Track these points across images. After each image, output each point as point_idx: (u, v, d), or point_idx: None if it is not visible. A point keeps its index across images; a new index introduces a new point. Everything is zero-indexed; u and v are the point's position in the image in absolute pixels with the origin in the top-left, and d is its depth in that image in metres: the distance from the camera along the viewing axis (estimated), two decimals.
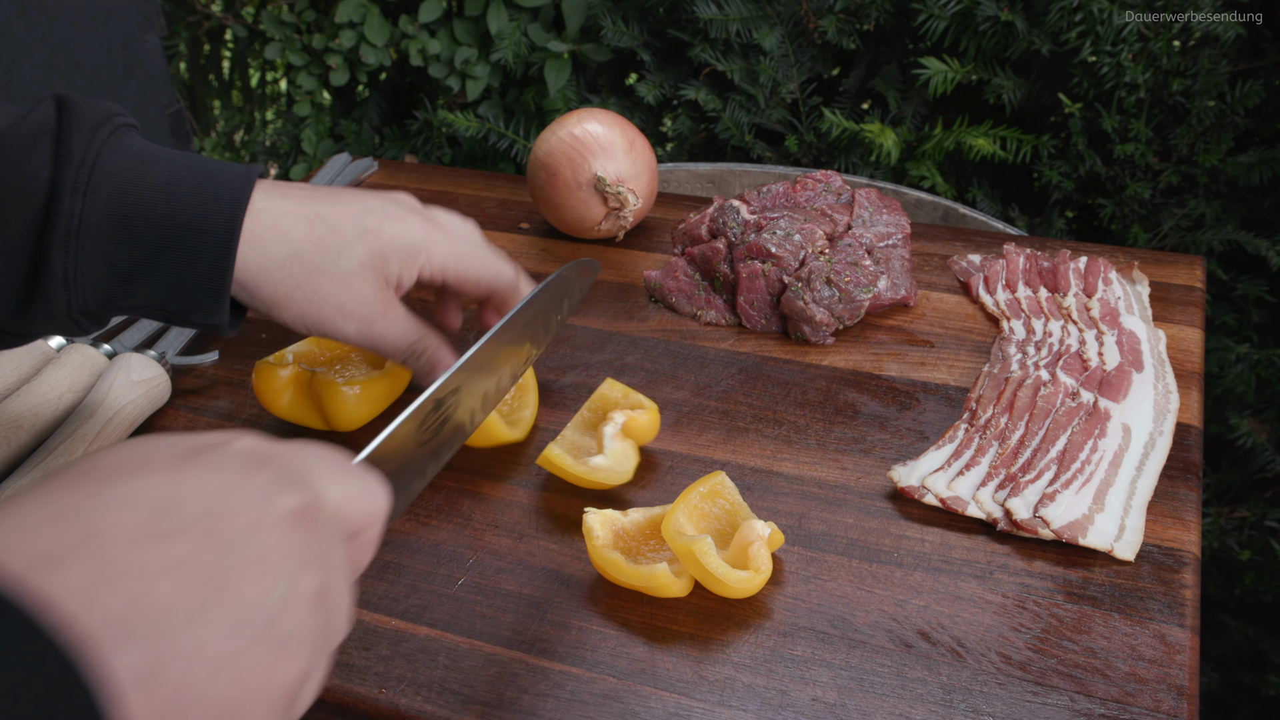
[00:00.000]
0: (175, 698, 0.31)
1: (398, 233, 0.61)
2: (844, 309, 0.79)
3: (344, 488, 0.41)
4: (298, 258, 0.59)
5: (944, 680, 0.54)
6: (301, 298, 0.59)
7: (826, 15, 1.22)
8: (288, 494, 0.36)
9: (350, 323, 0.61)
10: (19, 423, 0.67)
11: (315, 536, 0.37)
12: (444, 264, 0.63)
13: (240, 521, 0.34)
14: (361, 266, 0.60)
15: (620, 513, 0.61)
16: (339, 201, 0.61)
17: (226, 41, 1.87)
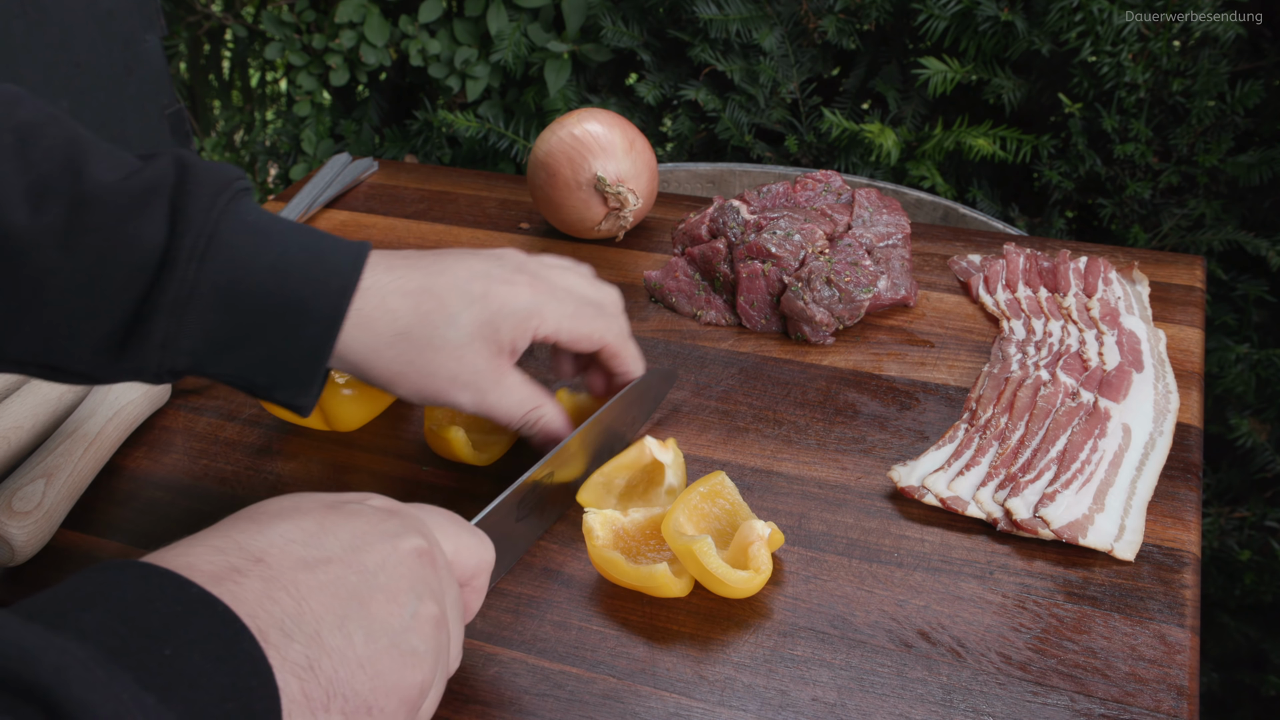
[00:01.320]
0: (325, 686, 0.39)
1: (506, 298, 0.60)
2: (844, 309, 0.79)
3: (457, 540, 0.49)
4: (405, 335, 0.58)
5: (944, 680, 0.54)
6: (414, 374, 0.59)
7: (826, 15, 1.22)
8: (413, 537, 0.45)
9: (465, 393, 0.60)
10: (19, 423, 0.67)
11: (435, 573, 0.45)
12: (557, 326, 0.62)
13: (375, 555, 0.43)
14: (471, 338, 0.59)
15: (620, 513, 0.61)
16: (444, 270, 0.60)
17: (226, 41, 1.87)
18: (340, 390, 0.69)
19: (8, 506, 0.61)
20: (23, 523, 0.61)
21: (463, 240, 0.96)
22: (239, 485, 0.69)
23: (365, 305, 0.57)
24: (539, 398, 0.62)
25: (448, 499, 0.67)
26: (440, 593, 0.45)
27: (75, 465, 0.65)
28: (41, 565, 0.63)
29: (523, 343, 0.61)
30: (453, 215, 1.01)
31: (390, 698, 0.41)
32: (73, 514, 0.67)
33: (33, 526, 0.61)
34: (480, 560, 0.50)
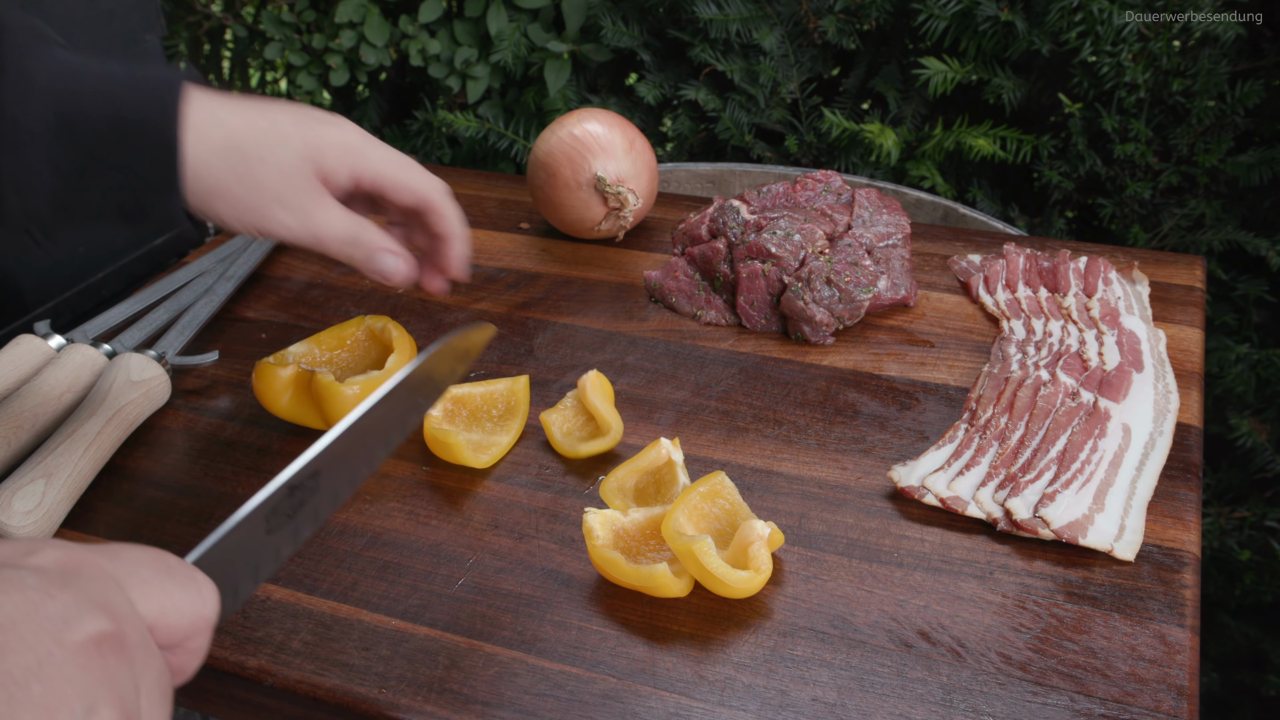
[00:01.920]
0: None
1: (335, 133, 0.62)
2: (844, 309, 0.79)
3: (165, 598, 0.38)
4: (236, 147, 0.59)
5: (944, 680, 0.54)
6: (239, 186, 0.59)
7: (826, 15, 1.22)
8: (89, 619, 0.34)
9: (288, 213, 0.61)
10: (19, 423, 0.67)
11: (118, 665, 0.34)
12: (380, 167, 0.63)
13: (27, 658, 0.32)
14: (300, 158, 0.60)
15: (620, 513, 0.61)
16: (276, 104, 0.62)
17: (226, 41, 1.87)
18: (340, 390, 0.69)
19: (8, 506, 0.61)
20: (23, 523, 0.61)
21: None
22: (239, 485, 0.69)
23: (198, 117, 0.58)
24: (361, 219, 0.63)
25: (447, 498, 0.67)
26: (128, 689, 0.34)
27: (75, 465, 0.65)
28: None
29: (344, 176, 0.62)
30: None
31: None
32: (73, 514, 0.67)
33: (33, 526, 0.61)
34: (195, 618, 0.39)
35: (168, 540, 0.65)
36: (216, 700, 0.59)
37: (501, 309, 0.86)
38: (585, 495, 0.67)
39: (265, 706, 0.57)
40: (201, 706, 0.60)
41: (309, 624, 0.58)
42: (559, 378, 0.77)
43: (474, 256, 0.94)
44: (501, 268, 0.92)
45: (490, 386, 0.73)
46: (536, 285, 0.89)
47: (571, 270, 0.91)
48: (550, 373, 0.78)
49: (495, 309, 0.86)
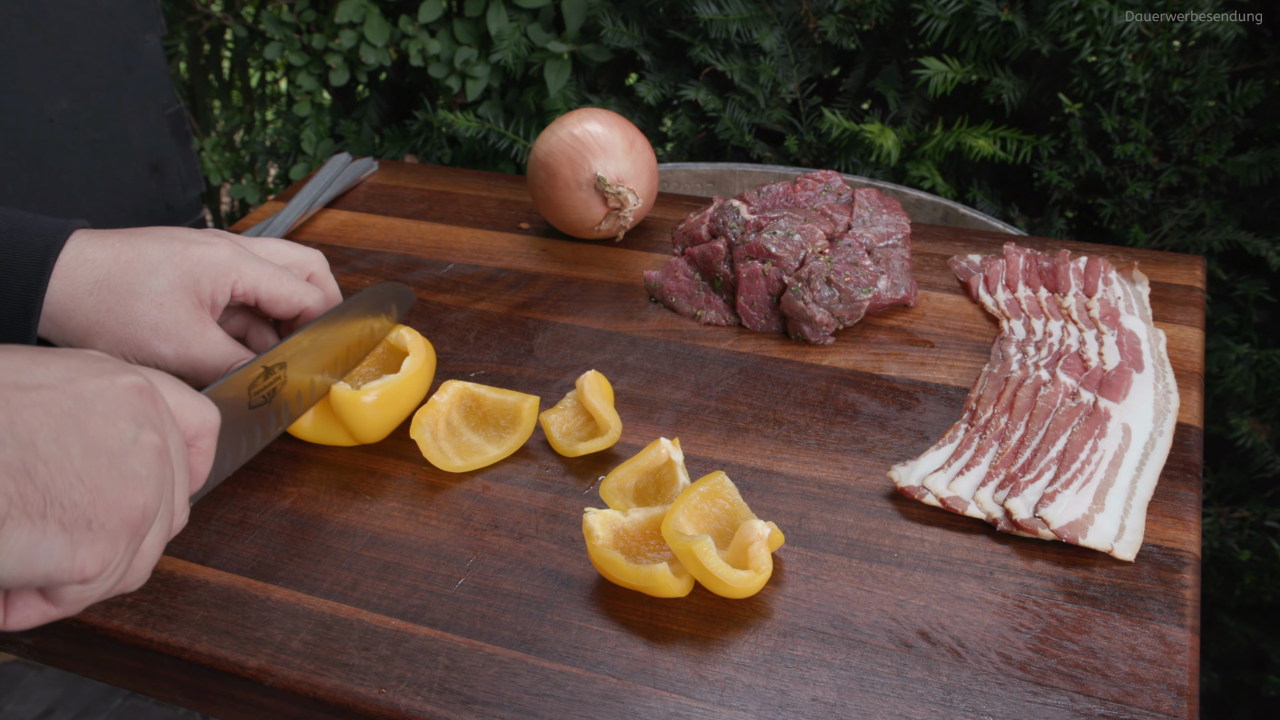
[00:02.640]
0: (42, 492, 0.39)
1: (206, 254, 0.62)
2: (844, 309, 0.79)
3: (179, 396, 0.49)
4: (106, 282, 0.60)
5: (944, 680, 0.54)
6: (114, 323, 0.60)
7: (826, 15, 1.22)
8: (130, 375, 0.45)
9: (166, 344, 0.62)
10: None
11: (156, 408, 0.46)
12: (255, 282, 0.64)
13: (91, 385, 0.43)
14: (173, 287, 0.61)
15: (620, 513, 0.61)
16: (147, 232, 0.63)
17: (226, 41, 1.87)
18: (361, 400, 0.68)
19: None
20: None
21: (463, 240, 0.96)
22: (238, 484, 0.69)
23: (65, 259, 0.59)
24: (242, 351, 0.64)
25: (447, 498, 0.67)
26: (162, 426, 0.45)
27: None
28: None
29: (223, 296, 0.63)
30: (453, 215, 1.01)
31: (111, 515, 0.42)
32: None
33: None
34: (204, 419, 0.50)
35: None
36: (216, 700, 0.59)
37: (501, 309, 0.86)
38: (585, 495, 0.67)
39: (265, 706, 0.57)
40: (201, 706, 0.60)
41: (309, 624, 0.58)
42: (559, 378, 0.77)
43: (474, 256, 0.94)
44: (501, 268, 0.92)
45: (503, 395, 0.72)
46: (536, 285, 0.89)
47: (571, 270, 0.91)
48: (550, 373, 0.78)
49: (495, 309, 0.86)
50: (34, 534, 0.39)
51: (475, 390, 0.72)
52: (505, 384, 0.77)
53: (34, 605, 0.44)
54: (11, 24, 1.13)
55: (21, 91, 1.14)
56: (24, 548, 0.39)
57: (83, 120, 1.23)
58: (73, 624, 0.60)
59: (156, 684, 0.60)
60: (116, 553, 0.43)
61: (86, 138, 1.24)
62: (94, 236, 0.61)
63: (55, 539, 0.40)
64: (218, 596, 0.60)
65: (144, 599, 0.60)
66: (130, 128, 1.31)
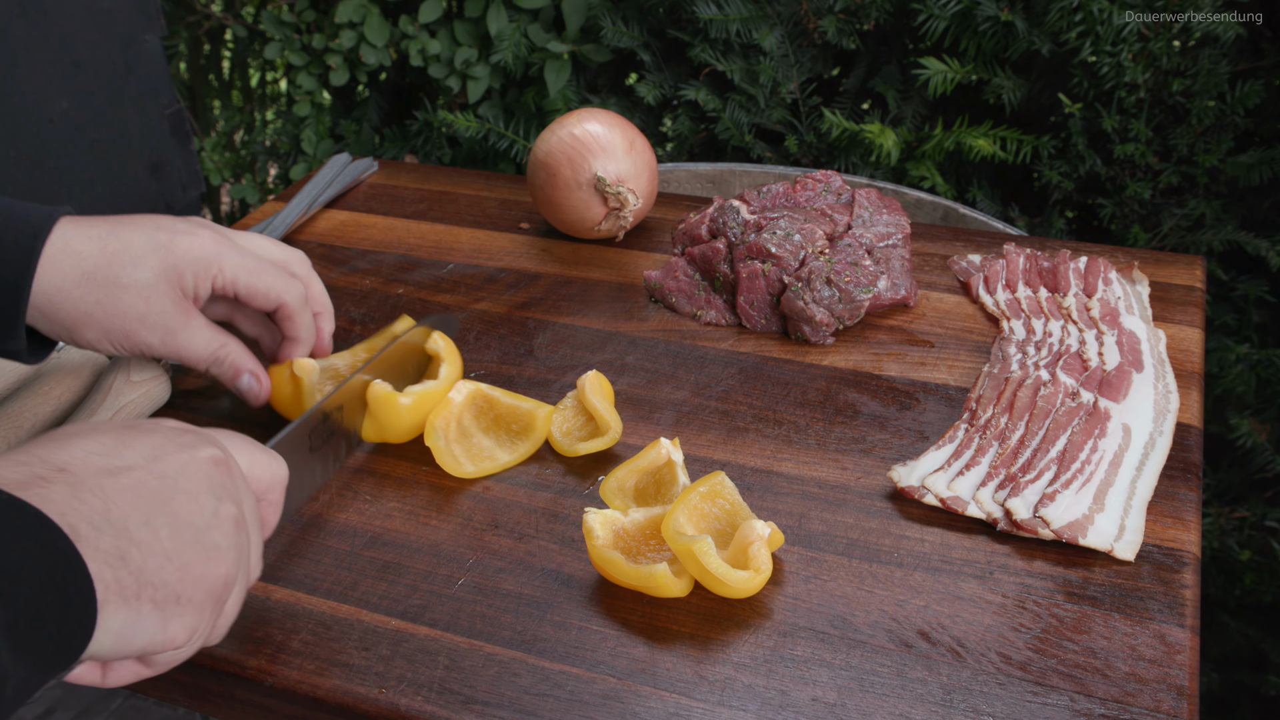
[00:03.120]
0: (136, 575, 0.42)
1: (189, 246, 0.64)
2: (844, 309, 0.79)
3: (250, 456, 0.53)
4: (92, 275, 0.61)
5: (944, 680, 0.54)
6: (101, 314, 0.62)
7: (826, 15, 1.22)
8: (208, 448, 0.48)
9: (153, 334, 0.64)
10: (19, 422, 0.67)
11: (232, 479, 0.49)
12: (235, 275, 0.66)
13: (174, 463, 0.46)
14: (157, 279, 0.63)
15: (620, 513, 0.61)
16: (131, 222, 0.64)
17: (226, 41, 1.87)
18: (398, 401, 0.68)
19: None
20: None
21: (463, 240, 0.96)
22: None
23: (51, 250, 0.60)
24: (224, 337, 0.67)
25: (447, 498, 0.67)
26: (238, 496, 0.49)
27: None
28: None
29: (204, 289, 0.65)
30: (453, 215, 1.01)
31: (197, 589, 0.45)
32: None
33: None
34: (274, 475, 0.54)
35: None
36: (216, 700, 0.59)
37: (501, 309, 0.86)
38: (585, 495, 0.67)
39: (265, 706, 0.57)
40: (201, 706, 0.60)
41: (309, 624, 0.58)
42: (559, 378, 0.77)
43: (474, 256, 0.94)
44: (501, 268, 0.92)
45: (517, 401, 0.72)
46: (536, 285, 0.89)
47: (571, 270, 0.91)
48: (550, 373, 0.78)
49: (495, 309, 0.86)
50: (129, 614, 0.42)
51: (489, 392, 0.72)
52: (505, 384, 0.77)
53: (129, 667, 0.47)
54: (11, 24, 1.13)
55: (21, 91, 1.14)
56: (121, 627, 0.42)
57: (83, 120, 1.23)
58: None
59: (156, 684, 0.60)
60: (203, 620, 0.46)
61: (86, 138, 1.24)
62: (79, 225, 0.62)
63: (148, 617, 0.43)
64: None
65: None
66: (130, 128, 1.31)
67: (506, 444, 0.71)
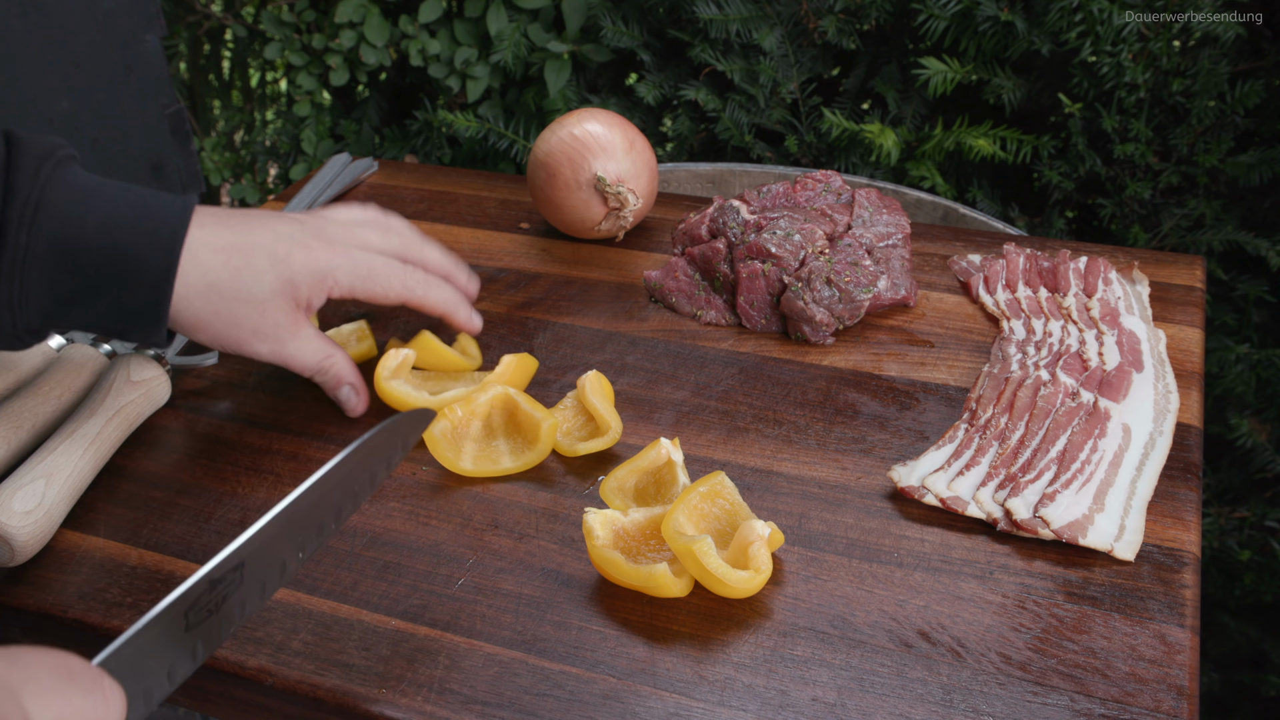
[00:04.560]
0: None
1: (305, 260, 0.67)
2: (844, 309, 0.79)
3: (65, 705, 0.37)
4: (215, 287, 0.64)
5: (944, 680, 0.54)
6: (219, 323, 0.65)
7: (826, 15, 1.22)
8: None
9: (264, 343, 0.67)
10: (19, 422, 0.67)
11: None
12: (350, 284, 0.69)
13: None
14: (274, 293, 0.66)
15: (620, 513, 0.61)
16: (252, 229, 0.67)
17: (226, 41, 1.87)
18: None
19: (8, 506, 0.61)
20: (23, 523, 0.61)
21: (463, 240, 0.96)
22: (239, 485, 0.69)
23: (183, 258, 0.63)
24: (331, 348, 0.70)
25: (447, 498, 0.67)
26: None
27: (75, 465, 0.65)
28: (41, 565, 0.63)
29: (318, 299, 0.69)
30: (453, 215, 1.01)
31: None
32: (73, 514, 0.67)
33: (33, 526, 0.61)
34: None
35: (168, 540, 0.65)
36: (216, 700, 0.59)
37: (501, 309, 0.86)
38: (585, 495, 0.67)
39: (265, 706, 0.57)
40: (201, 706, 0.60)
41: (309, 624, 0.58)
42: (559, 378, 0.77)
43: (474, 256, 0.94)
44: (501, 268, 0.92)
45: (533, 409, 0.70)
46: (536, 285, 0.89)
47: (571, 270, 0.91)
48: (550, 373, 0.78)
49: (495, 309, 0.86)
50: None
51: (515, 397, 0.71)
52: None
53: None
54: (11, 24, 1.13)
55: (21, 91, 1.14)
56: None
57: (83, 120, 1.23)
58: (73, 624, 0.60)
59: None
60: None
61: (86, 138, 1.24)
62: (207, 227, 0.64)
63: None
64: None
65: (144, 599, 0.60)
66: (130, 128, 1.31)
67: (516, 451, 0.70)
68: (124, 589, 0.61)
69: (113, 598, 0.61)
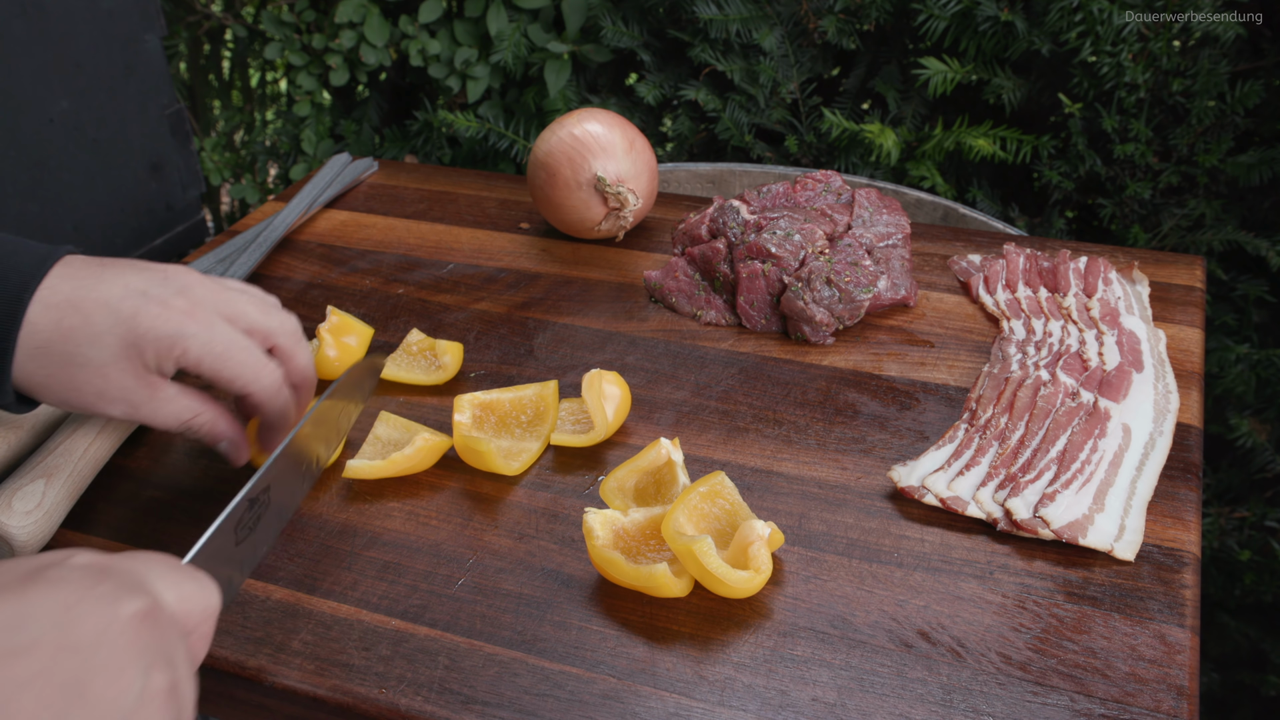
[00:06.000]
0: None
1: (152, 324, 0.58)
2: (844, 309, 0.79)
3: (179, 589, 0.44)
4: (45, 349, 0.57)
5: (944, 680, 0.54)
6: (58, 386, 0.58)
7: (826, 15, 1.22)
8: (131, 599, 0.39)
9: (114, 406, 0.60)
10: (19, 423, 0.67)
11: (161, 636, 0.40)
12: (200, 357, 0.60)
13: (89, 629, 0.37)
14: (116, 358, 0.58)
15: (620, 513, 0.61)
16: (101, 281, 0.59)
17: (226, 41, 1.87)
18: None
19: (8, 506, 0.61)
20: (23, 522, 0.61)
21: (463, 240, 0.96)
22: (239, 485, 0.69)
23: None
24: (197, 406, 0.62)
25: (447, 499, 0.67)
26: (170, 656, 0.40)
27: (75, 465, 0.65)
28: None
29: (168, 367, 0.60)
30: (453, 215, 1.01)
31: None
32: (73, 514, 0.67)
33: (33, 526, 0.61)
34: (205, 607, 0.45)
35: (167, 540, 0.65)
36: (216, 700, 0.59)
37: (501, 309, 0.86)
38: (585, 495, 0.67)
39: (265, 706, 0.57)
40: (201, 707, 0.60)
41: (309, 624, 0.58)
42: (559, 378, 0.77)
43: (474, 256, 0.94)
44: (501, 268, 0.92)
45: (519, 392, 0.72)
46: (536, 285, 0.89)
47: (571, 270, 0.91)
48: (550, 373, 0.78)
49: (495, 309, 0.86)
50: None
51: (485, 399, 0.71)
52: (505, 384, 0.76)
53: None
54: (11, 24, 1.13)
55: (21, 91, 1.14)
56: None
57: (83, 120, 1.23)
58: None
59: None
60: None
61: (86, 138, 1.24)
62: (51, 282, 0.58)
63: None
64: None
65: None
66: (130, 128, 1.31)
67: (526, 436, 0.70)
68: None
69: None
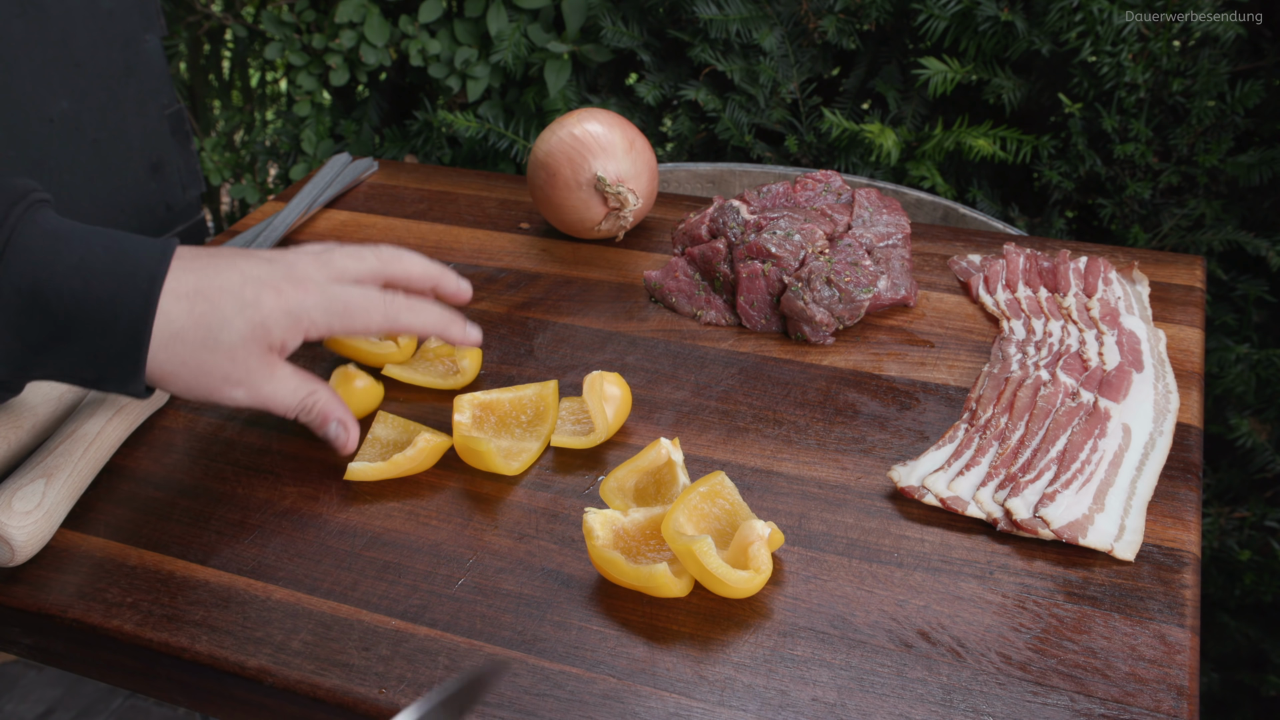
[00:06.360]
0: None
1: (275, 302, 0.63)
2: (844, 309, 0.79)
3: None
4: (179, 336, 0.60)
5: (944, 680, 0.54)
6: (187, 373, 0.61)
7: (826, 15, 1.22)
8: None
9: (238, 389, 0.63)
10: (19, 423, 0.67)
11: None
12: (328, 323, 0.65)
13: None
14: (245, 339, 0.62)
15: (620, 513, 0.61)
16: (220, 271, 0.62)
17: (226, 41, 1.86)
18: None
19: (8, 506, 0.61)
20: (23, 523, 0.61)
21: (463, 240, 0.96)
22: (239, 485, 0.69)
23: None
24: (312, 384, 0.66)
25: (447, 498, 0.67)
26: None
27: (75, 465, 0.65)
28: (41, 565, 0.63)
29: (294, 343, 0.64)
30: (453, 215, 1.01)
31: None
32: (73, 514, 0.67)
33: (33, 526, 0.61)
34: None
35: (167, 541, 0.65)
36: (216, 700, 0.59)
37: (501, 309, 0.86)
38: (585, 495, 0.67)
39: (265, 706, 0.57)
40: (201, 707, 0.60)
41: (309, 624, 0.58)
42: (559, 378, 0.77)
43: (474, 256, 0.94)
44: (501, 268, 0.92)
45: (519, 392, 0.72)
46: (536, 285, 0.89)
47: (571, 270, 0.91)
48: (550, 373, 0.78)
49: (495, 309, 0.86)
50: None
51: (485, 399, 0.72)
52: (505, 384, 0.77)
53: None
54: (11, 24, 1.13)
55: (21, 91, 1.14)
56: None
57: (83, 120, 1.23)
58: (73, 624, 0.60)
59: (156, 684, 0.60)
60: None
61: (86, 138, 1.24)
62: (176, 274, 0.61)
63: None
64: (218, 596, 0.60)
65: (144, 599, 0.60)
66: (130, 128, 1.31)
67: (526, 436, 0.71)
68: (124, 589, 0.61)
69: (113, 598, 0.61)
